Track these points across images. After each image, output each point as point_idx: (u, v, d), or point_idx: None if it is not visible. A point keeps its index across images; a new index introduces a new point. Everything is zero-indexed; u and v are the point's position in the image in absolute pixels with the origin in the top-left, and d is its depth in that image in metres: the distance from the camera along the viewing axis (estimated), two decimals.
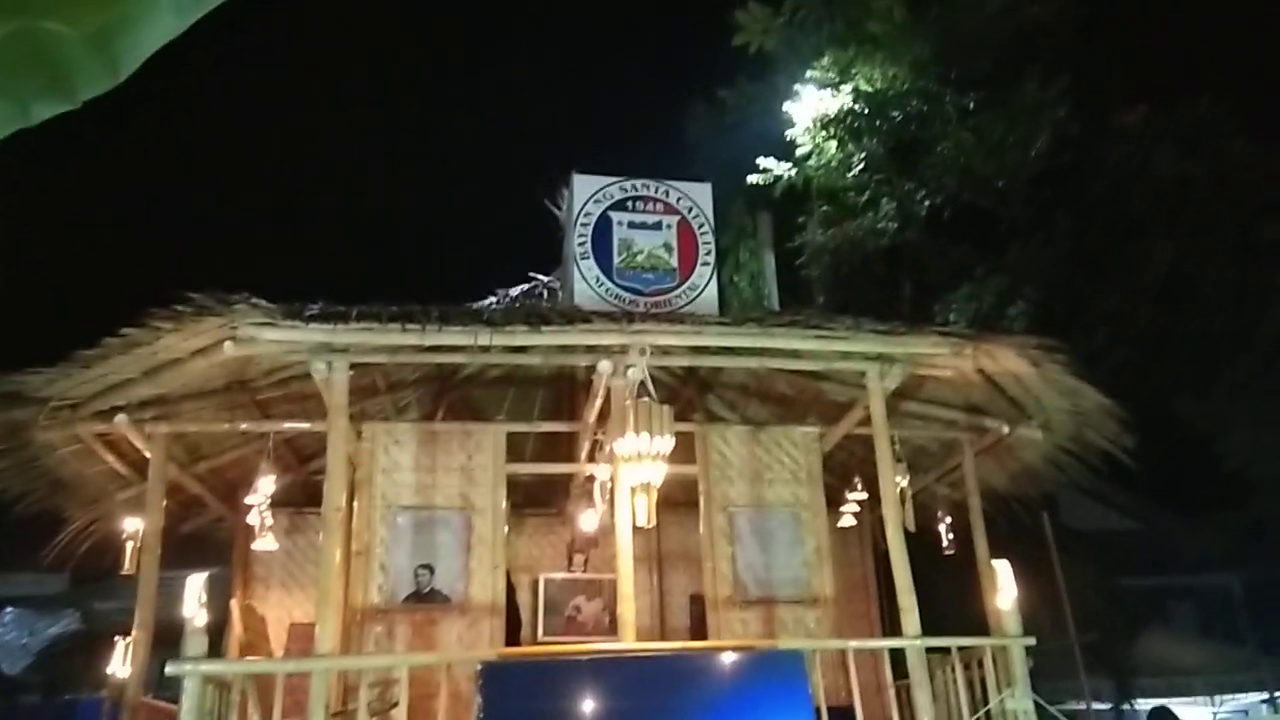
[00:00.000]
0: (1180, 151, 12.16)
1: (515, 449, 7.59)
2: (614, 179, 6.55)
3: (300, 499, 8.26)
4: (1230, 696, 15.04)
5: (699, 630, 7.69)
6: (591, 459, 7.11)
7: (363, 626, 6.15)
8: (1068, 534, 13.91)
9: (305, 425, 6.85)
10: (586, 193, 6.42)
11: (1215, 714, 15.05)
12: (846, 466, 8.61)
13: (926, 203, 12.18)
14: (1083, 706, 11.17)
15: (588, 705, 4.94)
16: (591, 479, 7.11)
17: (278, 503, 7.28)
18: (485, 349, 5.53)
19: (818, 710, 5.42)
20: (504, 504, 6.66)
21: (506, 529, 6.87)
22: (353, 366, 5.73)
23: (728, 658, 5.53)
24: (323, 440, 5.73)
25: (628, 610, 5.61)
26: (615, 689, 5.00)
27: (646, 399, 5.63)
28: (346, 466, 5.91)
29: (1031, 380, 6.63)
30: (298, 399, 6.85)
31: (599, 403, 6.35)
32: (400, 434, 6.63)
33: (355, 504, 6.47)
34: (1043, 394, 6.82)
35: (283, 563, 8.42)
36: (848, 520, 8.68)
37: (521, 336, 5.52)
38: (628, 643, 5.50)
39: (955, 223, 12.40)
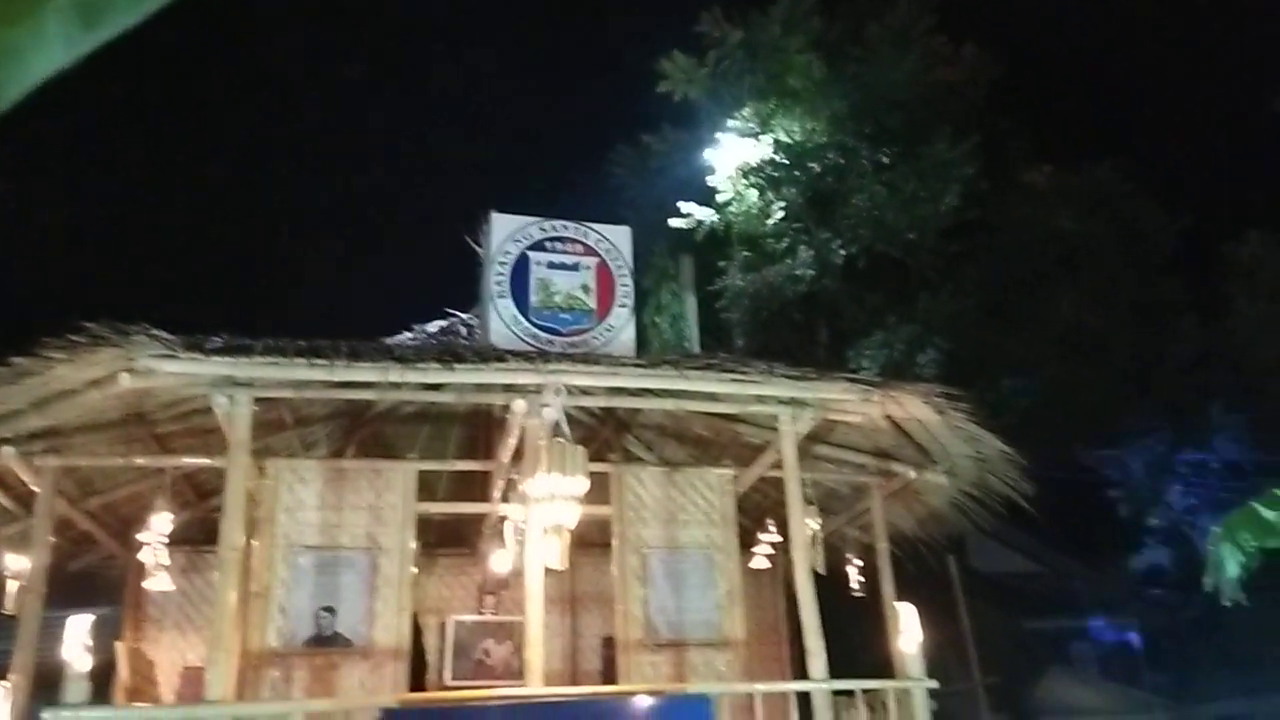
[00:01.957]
0: (1083, 210, 12.78)
1: (428, 488, 7.46)
2: (533, 219, 6.57)
3: (199, 537, 7.95)
4: None
5: (610, 674, 7.62)
6: (505, 499, 7.03)
7: (259, 671, 5.91)
8: (974, 576, 14.26)
9: (205, 460, 6.62)
10: (505, 232, 6.42)
11: None
12: (760, 508, 8.69)
13: (842, 252, 12.52)
14: None
15: None
16: (504, 519, 7.02)
17: (174, 541, 7.01)
18: (396, 386, 5.45)
19: None
20: (413, 544, 6.52)
21: (415, 570, 6.72)
22: (257, 401, 5.58)
23: (634, 702, 5.48)
24: (224, 476, 5.54)
25: (535, 655, 5.52)
26: None
27: (561, 439, 5.61)
28: (248, 504, 5.73)
29: (936, 427, 6.81)
30: (199, 433, 6.62)
31: (514, 442, 6.29)
32: (306, 471, 6.46)
33: (255, 543, 6.26)
34: (947, 440, 7.01)
35: (178, 603, 8.07)
36: (761, 562, 8.74)
37: (434, 374, 5.45)
38: (534, 688, 5.41)
39: (870, 272, 12.77)
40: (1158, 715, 15.00)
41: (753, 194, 12.95)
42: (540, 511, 5.56)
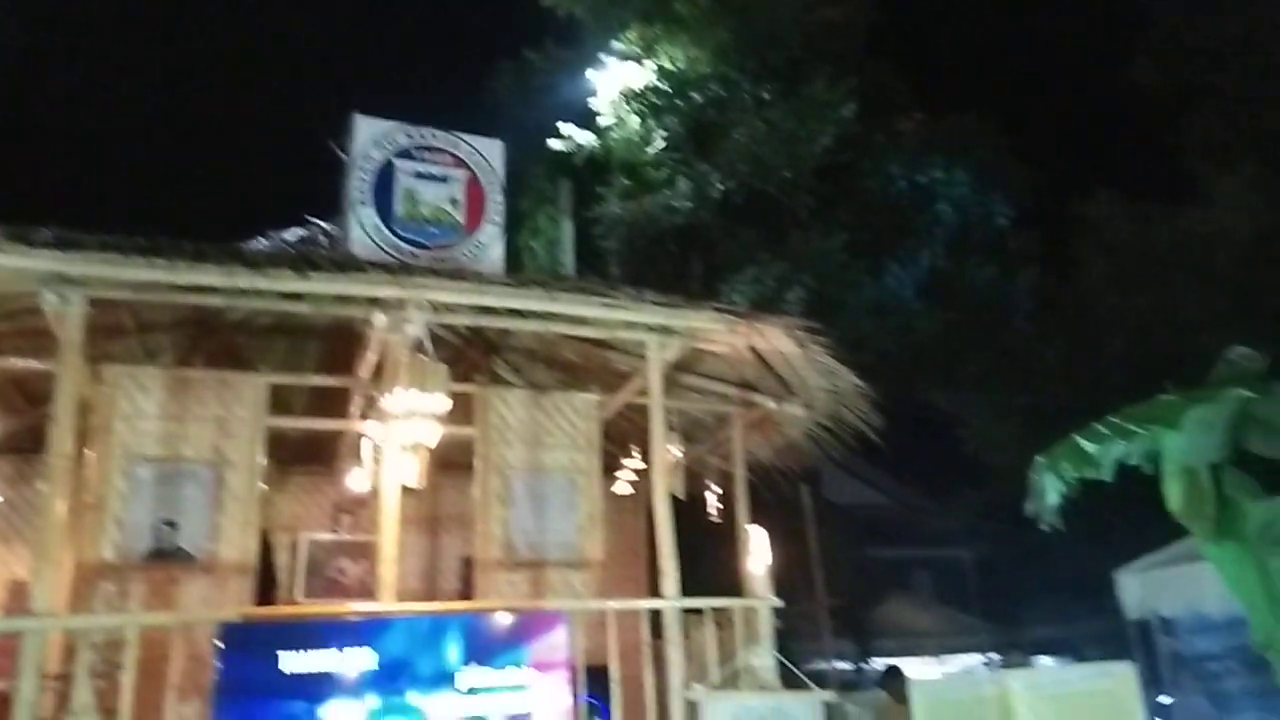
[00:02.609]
0: (948, 159, 13.23)
1: (282, 402, 7.19)
2: (400, 124, 6.28)
3: (28, 444, 7.42)
4: (956, 657, 16.68)
5: (468, 593, 7.63)
6: (364, 416, 6.86)
7: (92, 584, 5.64)
8: (825, 506, 14.93)
9: (35, 364, 6.15)
10: (369, 136, 6.12)
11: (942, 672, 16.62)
12: (625, 435, 8.78)
13: (720, 186, 12.59)
14: (826, 666, 12.05)
15: (333, 665, 4.79)
16: (362, 437, 6.86)
17: (2, 448, 6.55)
18: (245, 293, 5.17)
19: (575, 669, 5.53)
20: (262, 459, 6.29)
21: (265, 486, 6.50)
22: (93, 302, 5.20)
23: (487, 617, 5.51)
24: (55, 381, 5.18)
25: (389, 571, 5.46)
26: (363, 648, 4.87)
27: (423, 356, 5.48)
28: (83, 412, 5.38)
29: (797, 359, 6.99)
30: (29, 334, 6.13)
31: (373, 358, 6.11)
32: (146, 379, 6.09)
33: (91, 452, 5.91)
34: (806, 373, 7.22)
35: (5, 514, 7.58)
36: (623, 487, 8.86)
37: (287, 282, 5.19)
38: (385, 604, 5.36)
39: (745, 208, 12.91)
40: (984, 638, 16.26)
41: (634, 120, 12.81)
42: (399, 429, 5.45)
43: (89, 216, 5.36)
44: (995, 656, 15.69)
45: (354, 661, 4.88)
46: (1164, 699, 9.48)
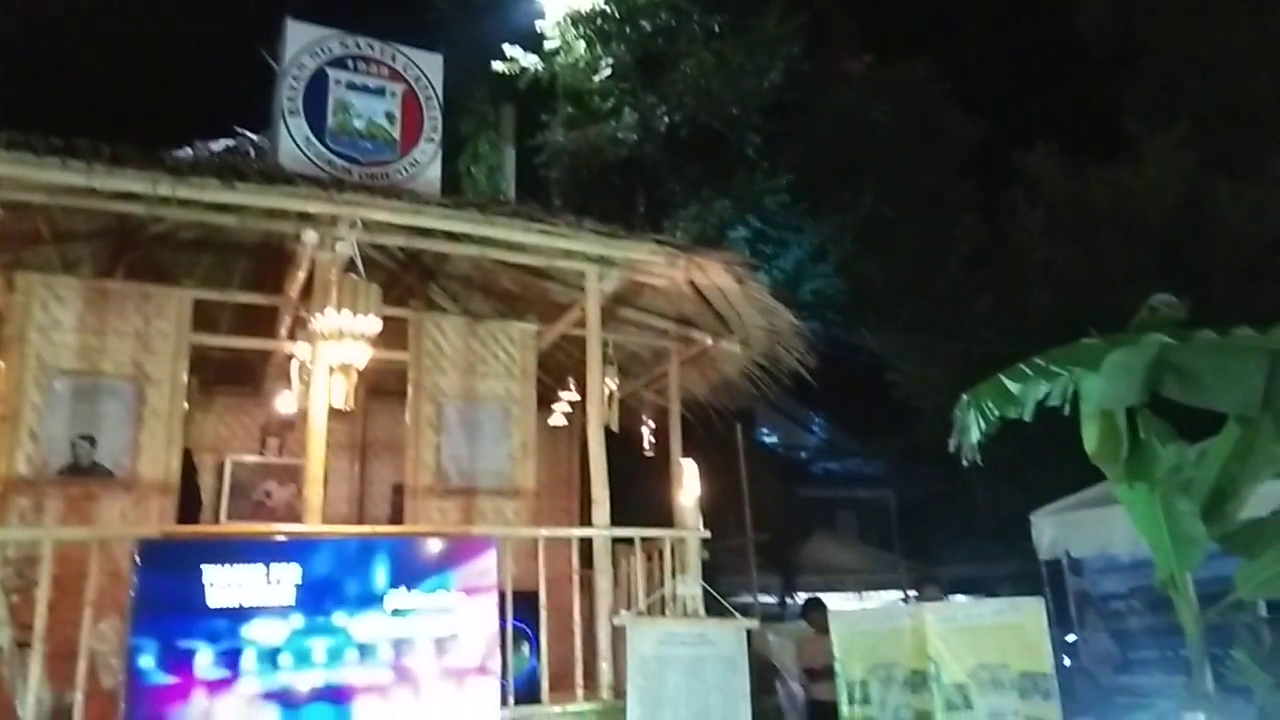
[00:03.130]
0: (894, 103, 13.24)
1: (208, 320, 6.98)
2: (333, 32, 6.01)
3: None
4: (877, 593, 17.25)
5: (398, 520, 7.60)
6: (292, 337, 6.70)
7: (5, 499, 5.47)
8: (757, 445, 15.21)
9: None
10: (301, 42, 5.84)
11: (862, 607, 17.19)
12: (562, 367, 8.76)
13: (666, 118, 12.44)
14: (751, 599, 12.36)
15: (257, 584, 4.73)
16: (290, 358, 6.71)
17: None
18: (168, 201, 4.96)
19: (503, 594, 5.56)
20: (185, 376, 6.11)
21: (188, 405, 6.34)
22: (5, 206, 4.95)
23: (415, 541, 5.49)
24: None
25: (315, 494, 5.39)
26: (288, 567, 4.82)
27: (354, 276, 5.35)
28: None
29: (735, 296, 7.01)
30: None
31: (303, 276, 5.95)
32: (63, 289, 5.84)
33: (3, 364, 5.68)
34: (744, 310, 7.24)
35: None
36: (558, 419, 8.86)
37: (212, 192, 4.99)
38: (312, 526, 5.30)
39: (691, 142, 12.79)
40: (904, 575, 16.83)
41: (581, 46, 12.52)
42: (327, 349, 5.33)
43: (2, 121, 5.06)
44: (913, 593, 16.27)
45: (279, 581, 4.83)
46: (1071, 637, 9.95)
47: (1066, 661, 9.44)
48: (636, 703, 5.65)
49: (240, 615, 4.70)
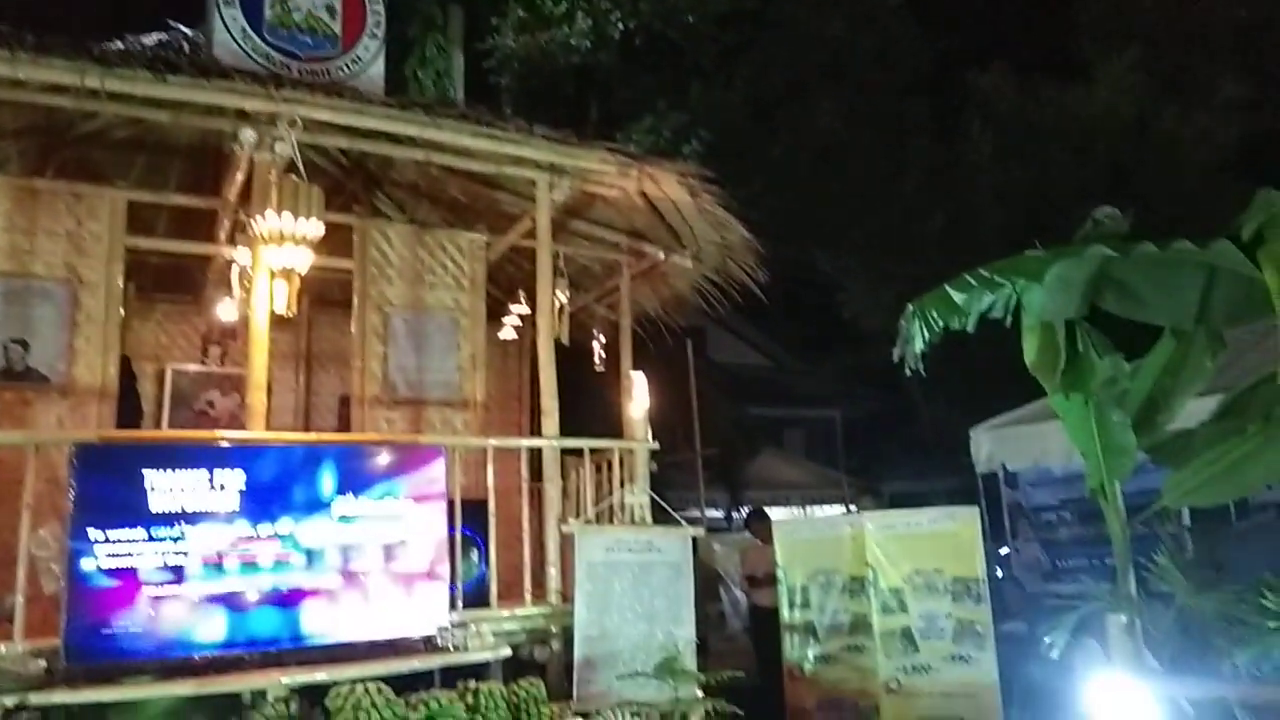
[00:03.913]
0: (851, 19, 13.03)
1: (144, 223, 6.74)
2: None
3: None
4: (820, 508, 17.67)
5: (344, 432, 7.54)
6: (232, 242, 6.52)
7: None
8: (708, 363, 15.29)
9: None
10: None
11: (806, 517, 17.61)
12: (513, 280, 8.66)
13: (621, 26, 12.09)
14: (699, 514, 12.59)
15: (197, 490, 4.69)
16: (230, 263, 6.54)
17: None
18: (96, 94, 4.72)
19: (452, 502, 5.59)
20: (120, 281, 5.93)
21: (125, 311, 6.18)
22: None
23: (363, 448, 5.47)
24: None
25: (259, 400, 5.31)
26: (233, 472, 4.78)
27: (294, 178, 5.19)
28: None
29: (688, 209, 6.95)
30: None
31: (241, 178, 5.75)
32: None
33: None
34: (696, 224, 7.20)
35: None
36: (509, 333, 8.81)
37: (143, 85, 4.76)
38: (255, 432, 5.24)
39: (646, 52, 12.49)
40: (846, 490, 17.26)
41: None
42: (268, 253, 5.19)
43: None
44: (854, 508, 16.70)
45: (223, 486, 4.78)
46: (1004, 550, 10.34)
47: (999, 573, 9.82)
48: (584, 606, 5.77)
49: (184, 520, 4.67)
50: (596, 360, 9.13)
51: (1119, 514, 4.91)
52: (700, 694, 5.55)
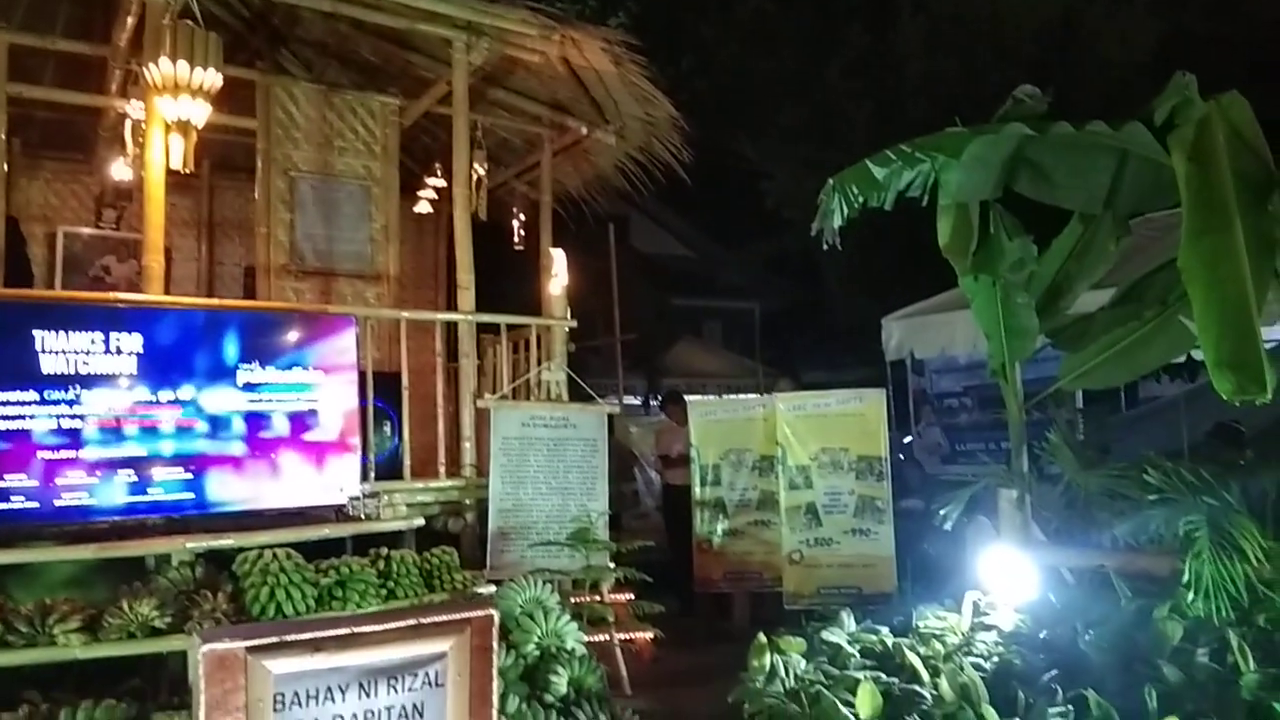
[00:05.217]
0: None
1: (28, 72, 6.25)
2: None
3: None
4: (736, 395, 17.97)
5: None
6: (124, 94, 6.10)
7: None
8: (630, 251, 15.19)
9: None
10: None
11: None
12: (429, 151, 8.37)
13: None
14: (617, 400, 12.69)
15: (93, 353, 4.49)
16: (124, 117, 6.13)
17: None
18: None
19: (364, 374, 5.48)
20: (2, 134, 5.51)
21: (10, 167, 5.78)
22: None
23: (268, 316, 5.30)
24: None
25: (156, 262, 5.06)
26: (130, 336, 4.58)
27: (189, 23, 4.82)
28: None
29: (612, 81, 6.75)
30: None
31: (132, 23, 5.33)
32: None
33: None
34: (620, 97, 7.01)
35: None
36: (424, 206, 8.55)
37: None
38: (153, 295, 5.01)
39: None
40: (762, 380, 17.60)
41: None
42: (164, 104, 4.86)
43: None
44: (768, 395, 17.05)
45: (119, 350, 4.58)
46: (908, 439, 10.71)
47: (901, 457, 10.20)
48: (499, 480, 5.81)
49: (78, 383, 4.48)
50: (515, 239, 8.97)
51: (1017, 395, 5.11)
52: (612, 563, 5.69)
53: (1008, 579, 4.83)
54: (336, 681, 1.76)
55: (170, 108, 4.80)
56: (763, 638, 4.20)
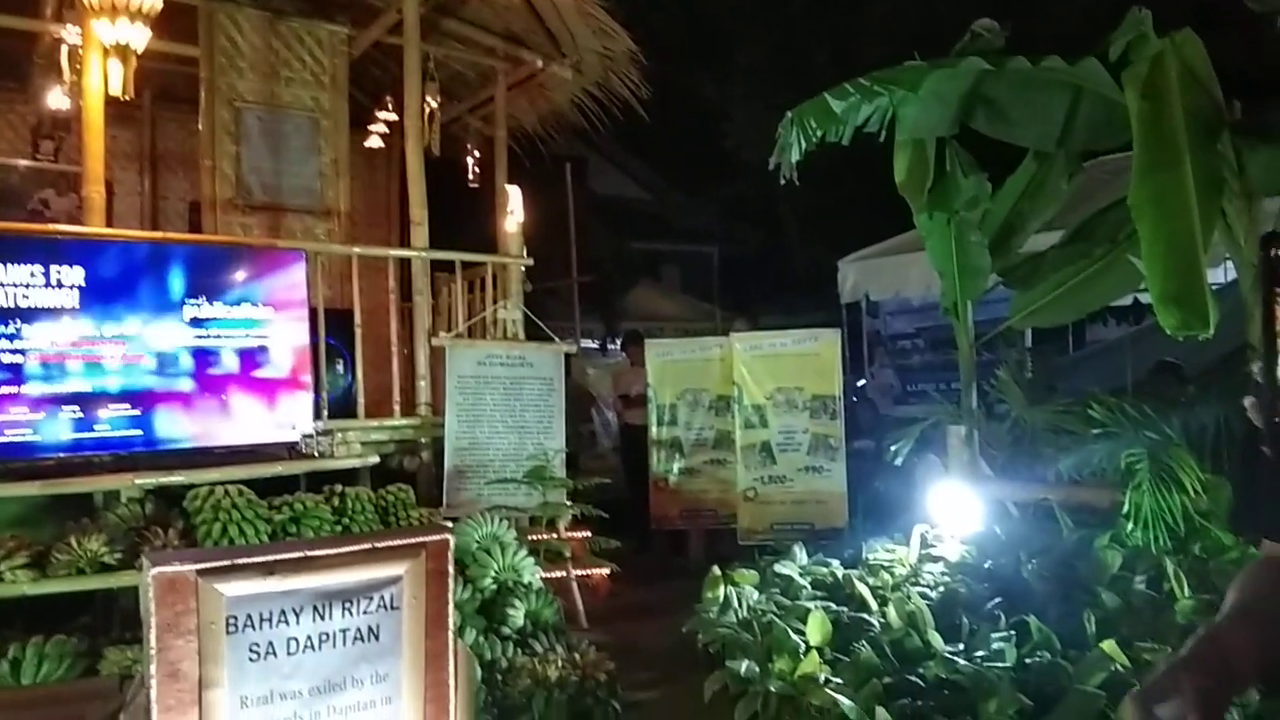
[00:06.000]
0: None
1: None
2: None
3: None
4: (694, 340, 17.97)
5: None
6: (59, 18, 5.83)
7: None
8: (588, 194, 15.05)
9: None
10: None
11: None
12: (380, 84, 8.13)
13: None
14: (574, 343, 12.66)
15: (32, 285, 4.35)
16: (59, 43, 5.86)
17: None
18: None
19: (314, 310, 5.39)
20: None
21: None
22: None
23: (214, 250, 5.17)
24: None
25: (96, 193, 4.90)
26: (68, 271, 4.44)
27: None
28: None
29: (568, 12, 6.61)
30: None
31: None
32: None
33: None
34: (577, 29, 6.87)
35: None
36: (375, 141, 8.34)
37: None
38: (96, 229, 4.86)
39: None
40: (718, 324, 17.67)
41: None
42: (101, 27, 4.66)
43: None
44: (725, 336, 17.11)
45: (60, 283, 4.45)
46: (861, 382, 10.85)
47: (855, 399, 10.35)
48: (454, 418, 5.77)
49: (17, 317, 4.35)
50: (470, 176, 8.80)
51: (968, 334, 5.19)
52: (569, 500, 5.71)
53: (955, 513, 4.96)
54: (290, 604, 1.75)
55: (108, 31, 4.61)
56: (717, 571, 4.27)
